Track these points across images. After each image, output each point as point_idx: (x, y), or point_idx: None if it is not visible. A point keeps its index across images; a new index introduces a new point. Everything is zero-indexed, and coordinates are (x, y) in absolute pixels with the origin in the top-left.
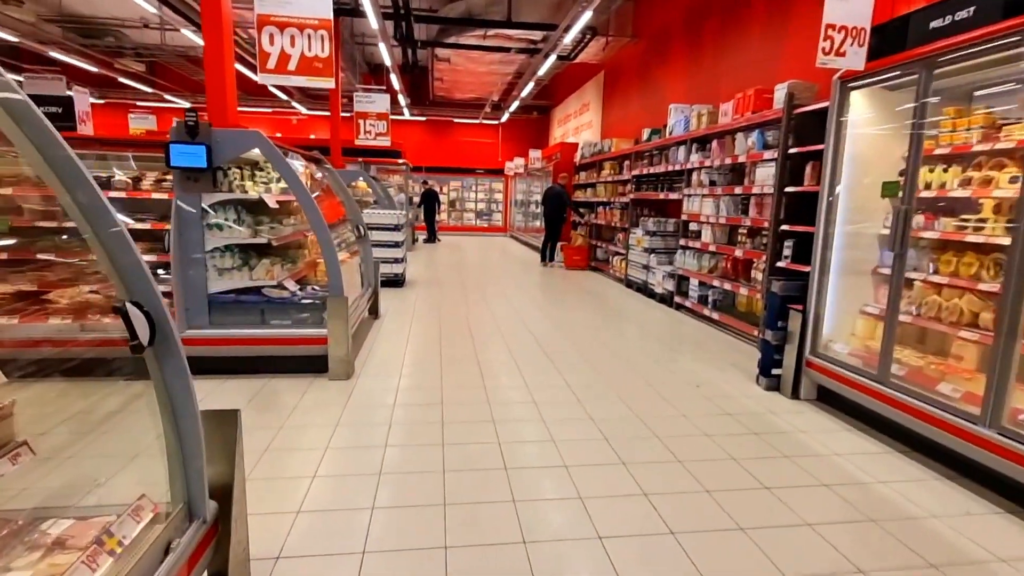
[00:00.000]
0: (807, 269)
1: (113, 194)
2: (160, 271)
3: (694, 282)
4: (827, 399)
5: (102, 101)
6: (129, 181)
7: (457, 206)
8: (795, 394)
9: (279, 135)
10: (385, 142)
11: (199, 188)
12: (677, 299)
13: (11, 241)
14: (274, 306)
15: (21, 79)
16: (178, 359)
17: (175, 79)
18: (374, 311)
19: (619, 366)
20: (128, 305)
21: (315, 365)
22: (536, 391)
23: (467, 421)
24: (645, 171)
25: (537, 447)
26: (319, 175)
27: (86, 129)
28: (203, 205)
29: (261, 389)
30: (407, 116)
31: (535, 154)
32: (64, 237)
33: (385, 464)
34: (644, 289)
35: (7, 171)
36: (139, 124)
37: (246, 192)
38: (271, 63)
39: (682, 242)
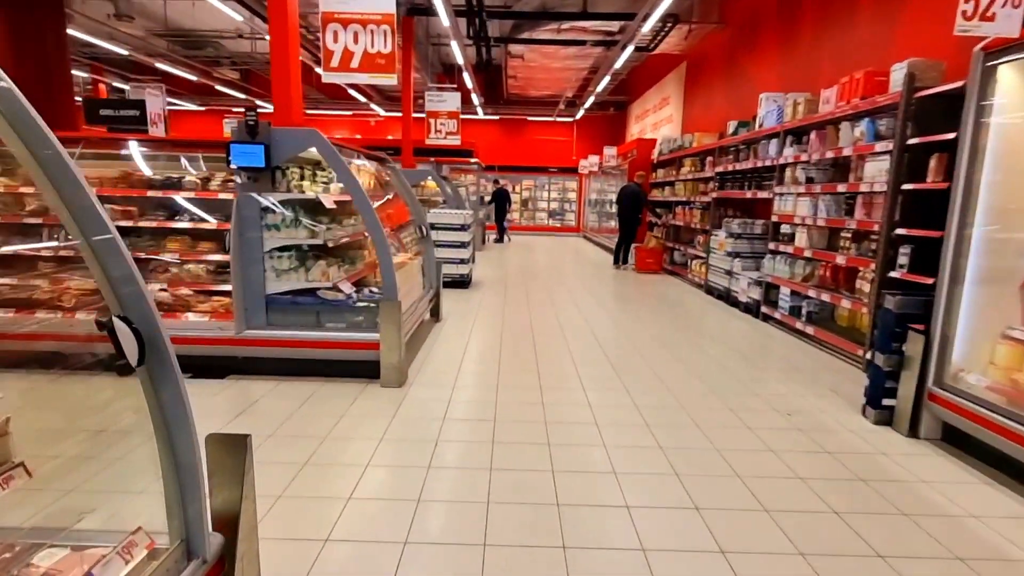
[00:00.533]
0: (929, 281)
1: (184, 194)
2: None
3: (785, 291)
4: (955, 440)
5: (203, 108)
6: (199, 181)
7: (529, 205)
8: (913, 431)
9: (358, 136)
10: (455, 141)
11: (258, 188)
12: (764, 309)
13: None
14: (329, 308)
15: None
16: (174, 382)
17: (265, 85)
18: (435, 313)
19: (696, 385)
20: (115, 320)
21: (368, 370)
22: (600, 411)
23: (520, 443)
24: (730, 168)
25: (596, 480)
26: (387, 176)
27: (158, 131)
28: (263, 205)
29: (313, 394)
30: (480, 115)
31: (610, 151)
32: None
33: (425, 490)
34: (726, 297)
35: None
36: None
37: (304, 192)
38: (335, 61)
39: (771, 246)
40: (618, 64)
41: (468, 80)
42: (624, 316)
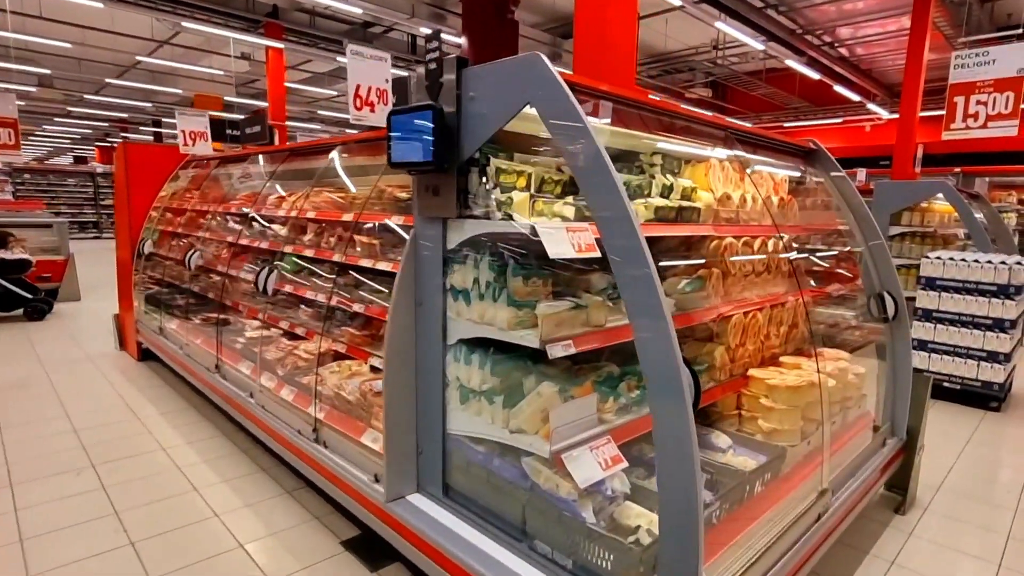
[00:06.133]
0: None
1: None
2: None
3: None
4: None
5: None
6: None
7: None
8: None
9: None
10: (1007, 130)
11: (439, 209)
12: None
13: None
14: (540, 506)
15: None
16: None
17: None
18: (899, 486)
19: None
20: None
21: None
22: None
23: None
24: None
25: None
26: (813, 184)
27: None
28: (449, 248)
29: None
30: None
31: None
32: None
33: None
34: None
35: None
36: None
37: (510, 217)
38: None
39: None
40: None
41: None
42: None
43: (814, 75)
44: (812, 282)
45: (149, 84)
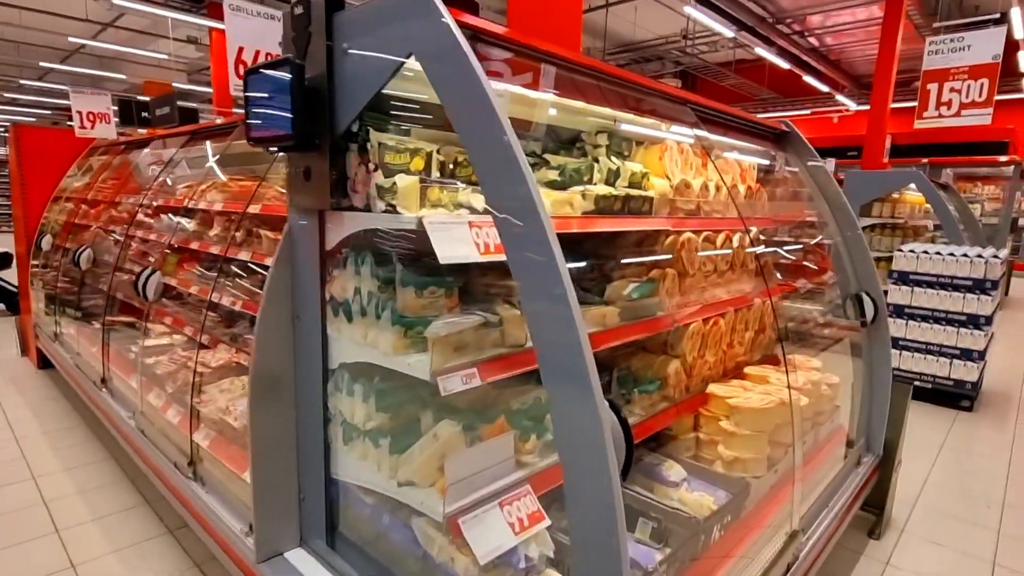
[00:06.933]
0: None
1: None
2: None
3: None
4: None
5: None
6: None
7: None
8: None
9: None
10: (979, 119)
11: (311, 198)
12: None
13: None
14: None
15: None
16: None
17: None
18: (875, 505)
19: None
20: None
21: None
22: None
23: None
24: None
25: None
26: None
27: None
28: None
29: None
30: None
31: None
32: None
33: None
34: None
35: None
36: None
37: (394, 208)
38: None
39: None
40: None
41: (1017, 27)
42: None
43: (784, 64)
44: (782, 280)
45: (96, 70)
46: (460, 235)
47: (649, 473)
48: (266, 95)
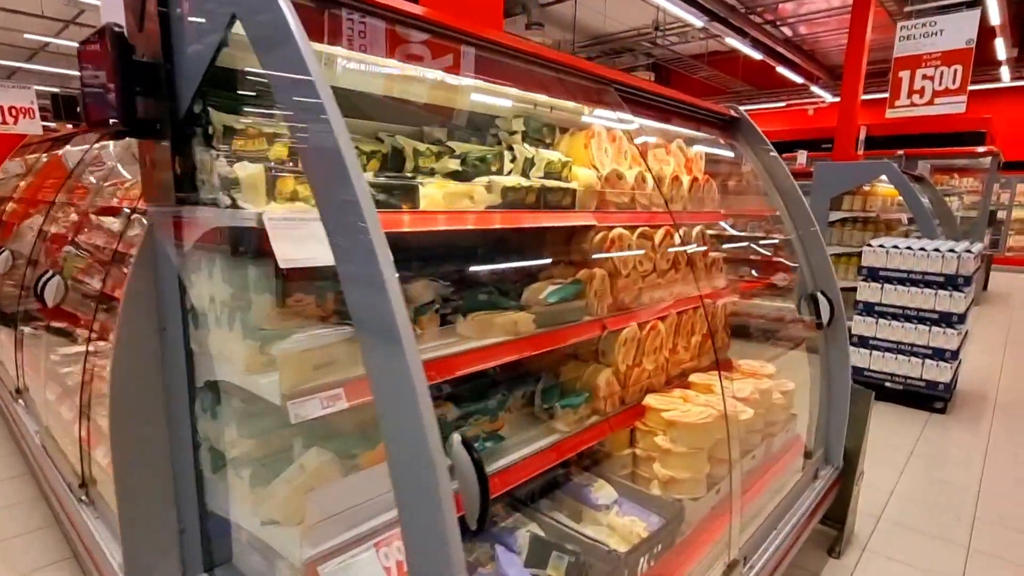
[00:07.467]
0: None
1: None
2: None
3: None
4: None
5: None
6: None
7: None
8: None
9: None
10: (953, 107)
11: (160, 192)
12: None
13: None
14: None
15: None
16: None
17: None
18: (836, 519)
19: None
20: None
21: None
22: None
23: None
24: None
25: None
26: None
27: None
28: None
29: None
30: (1007, 82)
31: None
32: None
33: None
34: None
35: None
36: None
37: (234, 203)
38: None
39: None
40: None
41: (994, 13)
42: None
43: (757, 55)
44: (733, 279)
45: (65, 69)
46: (308, 233)
47: (577, 495)
48: (94, 72)
